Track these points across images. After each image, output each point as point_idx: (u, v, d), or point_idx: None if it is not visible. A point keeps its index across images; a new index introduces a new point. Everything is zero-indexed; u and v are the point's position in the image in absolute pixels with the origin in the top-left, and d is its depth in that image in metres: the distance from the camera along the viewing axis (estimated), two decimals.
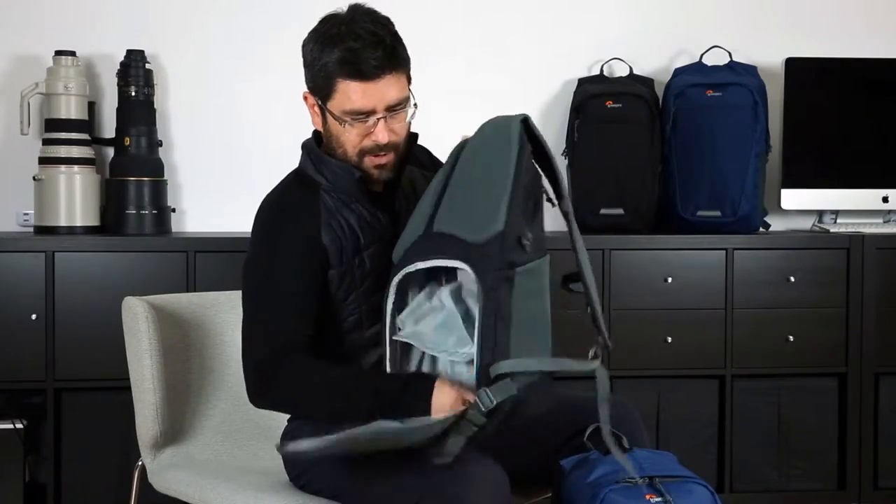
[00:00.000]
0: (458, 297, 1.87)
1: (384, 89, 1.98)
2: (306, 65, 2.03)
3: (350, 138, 2.02)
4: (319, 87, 2.02)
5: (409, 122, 2.07)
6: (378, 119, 2.00)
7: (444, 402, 1.82)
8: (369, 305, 2.05)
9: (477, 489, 1.78)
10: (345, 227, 2.05)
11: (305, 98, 2.08)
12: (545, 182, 1.97)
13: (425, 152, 2.28)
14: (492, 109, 3.71)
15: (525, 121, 1.89)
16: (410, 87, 2.07)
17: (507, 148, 1.86)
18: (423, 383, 1.86)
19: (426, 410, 1.82)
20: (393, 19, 2.06)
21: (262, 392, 1.98)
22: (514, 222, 1.82)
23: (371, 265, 2.05)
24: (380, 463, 1.91)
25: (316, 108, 2.07)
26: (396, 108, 2.01)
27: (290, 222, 2.04)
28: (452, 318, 1.84)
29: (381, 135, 2.00)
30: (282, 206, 2.08)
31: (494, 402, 1.74)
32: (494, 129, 1.93)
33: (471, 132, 1.98)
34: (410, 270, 1.85)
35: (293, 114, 2.75)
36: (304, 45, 2.04)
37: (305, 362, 1.96)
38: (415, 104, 2.06)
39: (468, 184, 1.89)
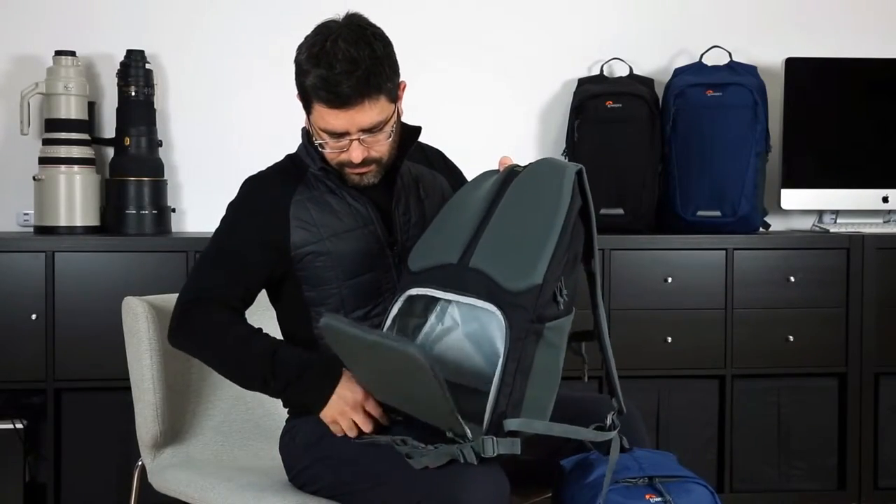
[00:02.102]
0: (468, 315, 1.86)
1: (356, 115, 1.98)
2: (294, 75, 2.05)
3: (327, 152, 2.06)
4: (302, 100, 2.05)
5: (391, 137, 2.06)
6: (352, 140, 2.01)
7: (340, 406, 1.96)
8: (350, 289, 2.08)
9: (476, 490, 1.78)
10: (323, 208, 2.08)
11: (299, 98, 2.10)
12: None
13: (439, 155, 2.30)
14: (492, 109, 3.76)
15: (580, 172, 1.87)
16: (398, 103, 2.06)
17: (559, 197, 1.83)
18: (328, 372, 1.99)
19: (320, 401, 1.96)
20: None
21: (174, 330, 2.08)
22: (552, 277, 1.80)
23: (351, 247, 2.08)
24: (379, 463, 1.92)
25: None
26: (373, 129, 2.01)
27: (262, 197, 2.11)
28: (465, 343, 1.86)
29: (355, 154, 2.02)
30: (260, 181, 2.16)
31: (495, 454, 1.76)
32: (549, 172, 1.89)
33: (517, 161, 1.97)
34: (436, 295, 1.87)
35: (293, 113, 2.75)
36: (296, 51, 2.05)
37: (222, 313, 2.04)
38: (394, 123, 2.05)
39: (513, 224, 1.87)
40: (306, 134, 2.14)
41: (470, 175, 2.31)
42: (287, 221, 2.08)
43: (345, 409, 1.96)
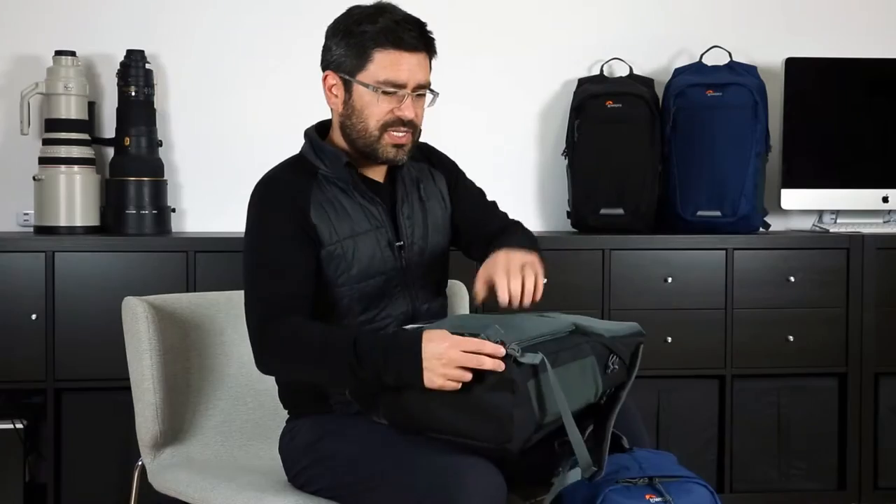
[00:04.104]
0: None
1: (418, 66, 2.07)
2: (337, 39, 2.08)
3: (376, 111, 2.07)
4: (351, 58, 2.06)
5: (427, 107, 2.14)
6: (407, 95, 2.06)
7: (434, 349, 1.82)
8: (360, 292, 2.08)
9: (472, 490, 1.78)
10: (338, 210, 2.09)
11: (325, 79, 2.12)
12: None
13: (429, 148, 2.33)
14: (492, 109, 3.76)
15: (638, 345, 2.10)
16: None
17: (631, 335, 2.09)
18: (410, 346, 1.85)
19: (417, 374, 1.82)
20: None
21: (259, 357, 2.01)
22: (613, 348, 2.01)
23: (363, 250, 2.09)
24: (378, 464, 1.92)
25: (338, 87, 2.10)
26: (421, 91, 2.09)
27: (283, 195, 2.09)
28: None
29: (408, 110, 2.07)
30: (276, 181, 2.13)
31: (520, 353, 1.77)
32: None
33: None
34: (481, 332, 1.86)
35: (293, 113, 2.75)
36: (331, 26, 2.10)
37: (298, 321, 1.98)
38: (434, 93, 2.13)
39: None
40: (316, 131, 2.16)
41: (463, 165, 2.35)
42: (310, 219, 2.07)
43: (442, 370, 1.81)
